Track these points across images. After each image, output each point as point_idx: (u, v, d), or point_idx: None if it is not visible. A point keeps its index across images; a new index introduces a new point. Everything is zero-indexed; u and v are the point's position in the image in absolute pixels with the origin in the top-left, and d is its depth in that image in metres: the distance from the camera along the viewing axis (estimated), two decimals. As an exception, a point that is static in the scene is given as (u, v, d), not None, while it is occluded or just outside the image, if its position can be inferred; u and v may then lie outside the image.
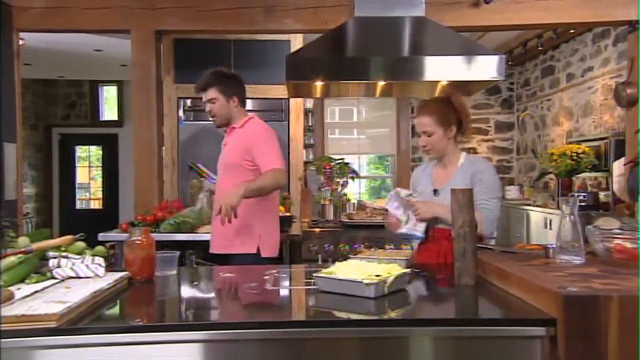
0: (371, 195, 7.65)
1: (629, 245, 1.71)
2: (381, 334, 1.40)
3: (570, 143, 5.15)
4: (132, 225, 3.21)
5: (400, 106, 7.03)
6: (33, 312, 1.32)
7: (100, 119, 8.50)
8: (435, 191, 2.39)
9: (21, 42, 3.81)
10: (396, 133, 7.09)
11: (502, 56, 2.46)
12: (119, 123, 8.38)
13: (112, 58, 6.32)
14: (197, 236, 3.20)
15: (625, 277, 1.50)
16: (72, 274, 1.76)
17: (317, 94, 3.09)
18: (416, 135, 2.48)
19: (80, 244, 1.96)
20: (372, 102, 7.21)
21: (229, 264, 2.61)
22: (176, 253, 2.06)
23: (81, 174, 8.76)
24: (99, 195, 8.73)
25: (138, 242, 1.90)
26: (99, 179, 8.74)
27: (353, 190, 6.69)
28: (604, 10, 3.56)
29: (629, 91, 3.64)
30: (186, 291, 1.90)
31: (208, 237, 2.90)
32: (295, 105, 4.78)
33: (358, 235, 3.82)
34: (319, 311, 1.65)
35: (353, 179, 4.61)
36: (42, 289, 1.59)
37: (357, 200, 4.74)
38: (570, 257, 1.76)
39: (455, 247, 1.80)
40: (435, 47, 2.62)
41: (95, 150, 8.80)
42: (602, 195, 4.48)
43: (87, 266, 1.78)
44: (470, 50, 2.51)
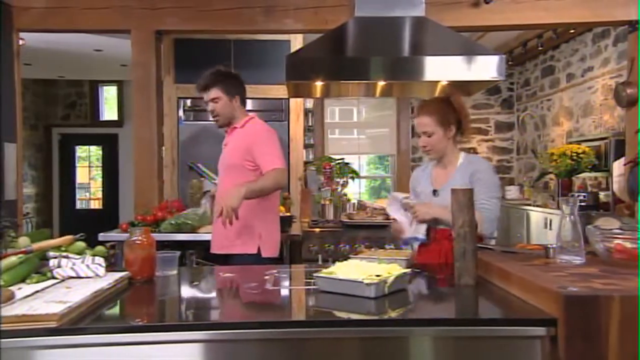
0: (371, 195, 7.65)
1: (629, 245, 1.71)
2: (381, 334, 1.40)
3: (571, 143, 5.15)
4: (133, 225, 3.21)
5: (400, 106, 7.03)
6: (34, 312, 1.33)
7: (100, 119, 8.50)
8: (434, 191, 2.39)
9: (21, 42, 3.81)
10: (396, 133, 7.09)
11: (502, 56, 2.46)
12: (119, 123, 8.38)
13: (112, 58, 6.32)
14: (197, 236, 3.20)
15: (625, 277, 1.51)
16: (73, 274, 1.76)
17: (317, 94, 3.09)
18: (416, 135, 2.48)
19: (81, 244, 1.96)
20: (372, 102, 7.21)
21: (229, 264, 2.61)
22: (176, 253, 2.06)
23: (81, 174, 8.76)
24: (99, 195, 8.73)
25: (138, 242, 1.90)
26: (99, 179, 8.74)
27: (353, 190, 6.69)
28: (604, 10, 3.56)
29: (629, 91, 3.64)
30: (186, 291, 1.90)
31: (208, 237, 2.90)
32: (295, 105, 4.78)
33: (358, 235, 3.82)
34: (319, 311, 1.65)
35: (353, 179, 4.61)
36: (42, 289, 1.59)
37: (357, 200, 4.74)
38: (570, 257, 1.76)
39: (456, 247, 1.80)
40: (435, 47, 2.62)
41: (95, 150, 8.80)
42: (602, 195, 4.48)
43: (87, 266, 1.79)
44: (470, 50, 2.51)
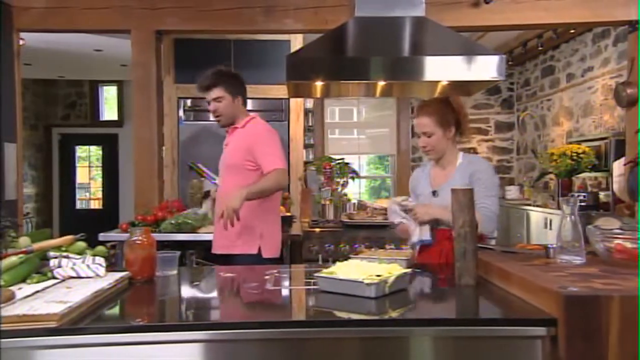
0: (371, 195, 7.65)
1: (629, 245, 1.71)
2: (382, 334, 1.40)
3: (571, 143, 5.15)
4: (133, 225, 3.21)
5: (400, 106, 7.03)
6: (34, 312, 1.33)
7: (100, 119, 8.50)
8: (434, 192, 2.39)
9: (21, 42, 3.81)
10: (396, 133, 7.09)
11: (502, 56, 2.46)
12: (119, 123, 8.38)
13: (112, 58, 6.32)
14: (197, 236, 3.20)
15: (625, 277, 1.51)
16: (73, 274, 1.76)
17: (317, 94, 3.08)
18: (416, 135, 2.48)
19: (81, 244, 1.97)
20: (372, 102, 7.21)
21: (230, 264, 2.61)
22: (177, 253, 2.06)
23: (81, 174, 8.76)
24: (99, 195, 8.73)
25: (139, 242, 1.90)
26: (99, 179, 8.74)
27: (353, 190, 6.69)
28: (604, 10, 3.56)
29: (629, 91, 3.64)
30: (186, 291, 1.90)
31: (209, 237, 2.90)
32: (295, 105, 4.79)
33: (358, 235, 3.82)
34: (319, 311, 1.65)
35: (353, 179, 4.61)
36: (43, 289, 1.59)
37: (358, 200, 4.75)
38: (570, 257, 1.76)
39: (456, 247, 1.80)
40: (435, 47, 2.61)
41: (95, 150, 8.80)
42: (602, 195, 4.48)
43: (87, 266, 1.78)
44: (470, 50, 2.50)
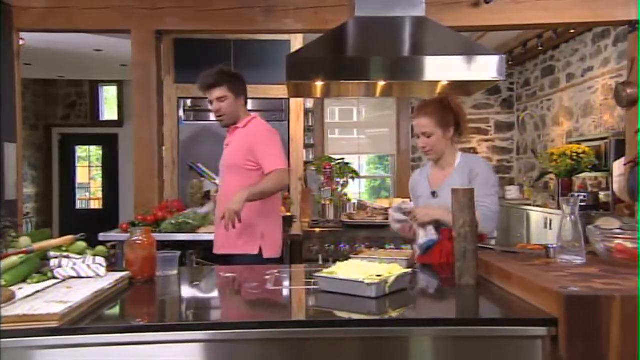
0: (371, 195, 7.65)
1: (629, 245, 1.71)
2: (382, 334, 1.40)
3: (571, 143, 5.15)
4: (133, 225, 3.21)
5: (401, 106, 7.03)
6: (35, 312, 1.33)
7: (100, 119, 8.50)
8: (433, 193, 2.39)
9: (21, 42, 3.81)
10: (396, 133, 7.09)
11: (502, 56, 2.46)
12: (119, 123, 8.38)
13: (112, 58, 6.32)
14: (198, 236, 3.20)
15: (626, 277, 1.51)
16: (74, 274, 1.76)
17: (318, 94, 3.08)
18: (415, 136, 2.48)
19: (81, 244, 1.97)
20: (372, 102, 7.21)
21: (231, 264, 2.60)
22: (177, 253, 2.06)
23: (81, 174, 8.76)
24: (99, 195, 8.73)
25: (139, 242, 1.90)
26: (99, 179, 8.74)
27: (353, 191, 6.69)
28: (604, 10, 3.56)
29: (629, 91, 3.64)
30: (187, 291, 1.90)
31: (209, 237, 2.90)
32: (296, 105, 4.78)
33: (359, 235, 3.82)
34: (319, 311, 1.65)
35: (353, 179, 4.61)
36: (43, 289, 1.59)
37: (358, 200, 4.75)
38: (571, 257, 1.76)
39: (456, 247, 1.80)
40: (435, 47, 2.61)
41: (95, 150, 8.80)
42: (602, 195, 4.47)
43: (88, 266, 1.79)
44: (470, 50, 2.50)
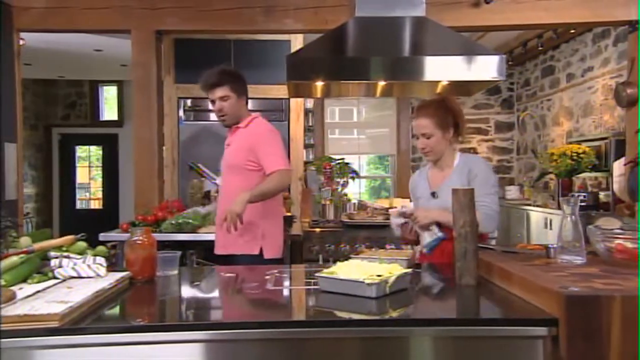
0: (371, 195, 7.65)
1: (629, 245, 1.71)
2: (382, 334, 1.40)
3: (571, 143, 5.15)
4: (133, 225, 3.21)
5: (401, 106, 7.03)
6: (35, 312, 1.33)
7: (100, 119, 8.50)
8: (433, 193, 2.39)
9: (21, 42, 3.81)
10: (396, 133, 7.09)
11: (502, 56, 2.46)
12: (119, 123, 8.38)
13: (112, 58, 6.32)
14: (198, 236, 3.20)
15: (626, 277, 1.51)
16: (74, 274, 1.76)
17: (318, 94, 3.09)
18: (415, 136, 2.47)
19: (82, 244, 1.97)
20: (372, 102, 7.21)
21: (231, 264, 2.60)
22: (177, 253, 2.06)
23: (81, 174, 8.76)
24: (99, 195, 8.73)
25: (139, 242, 1.90)
26: (99, 179, 8.74)
27: (353, 191, 6.69)
28: (604, 10, 3.56)
29: (629, 91, 3.64)
30: (187, 291, 1.90)
31: (209, 237, 2.89)
32: (296, 105, 4.78)
33: (359, 235, 3.82)
34: (320, 311, 1.65)
35: (353, 179, 4.61)
36: (44, 289, 1.59)
37: (358, 200, 4.75)
38: (571, 257, 1.76)
39: (457, 247, 1.80)
40: (435, 47, 2.61)
41: (95, 150, 8.80)
42: (602, 195, 4.48)
43: (88, 266, 1.79)
44: (470, 50, 2.51)
